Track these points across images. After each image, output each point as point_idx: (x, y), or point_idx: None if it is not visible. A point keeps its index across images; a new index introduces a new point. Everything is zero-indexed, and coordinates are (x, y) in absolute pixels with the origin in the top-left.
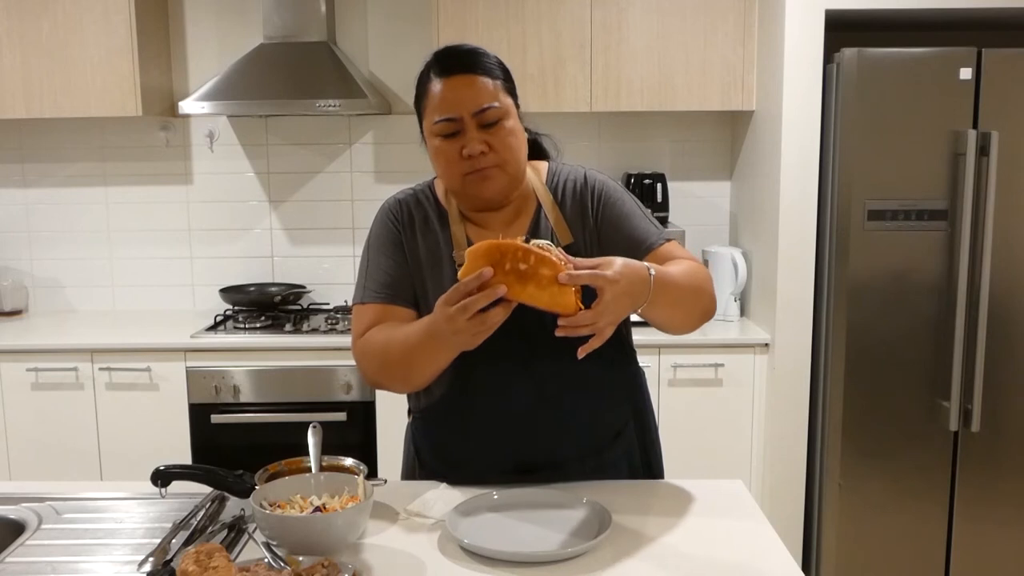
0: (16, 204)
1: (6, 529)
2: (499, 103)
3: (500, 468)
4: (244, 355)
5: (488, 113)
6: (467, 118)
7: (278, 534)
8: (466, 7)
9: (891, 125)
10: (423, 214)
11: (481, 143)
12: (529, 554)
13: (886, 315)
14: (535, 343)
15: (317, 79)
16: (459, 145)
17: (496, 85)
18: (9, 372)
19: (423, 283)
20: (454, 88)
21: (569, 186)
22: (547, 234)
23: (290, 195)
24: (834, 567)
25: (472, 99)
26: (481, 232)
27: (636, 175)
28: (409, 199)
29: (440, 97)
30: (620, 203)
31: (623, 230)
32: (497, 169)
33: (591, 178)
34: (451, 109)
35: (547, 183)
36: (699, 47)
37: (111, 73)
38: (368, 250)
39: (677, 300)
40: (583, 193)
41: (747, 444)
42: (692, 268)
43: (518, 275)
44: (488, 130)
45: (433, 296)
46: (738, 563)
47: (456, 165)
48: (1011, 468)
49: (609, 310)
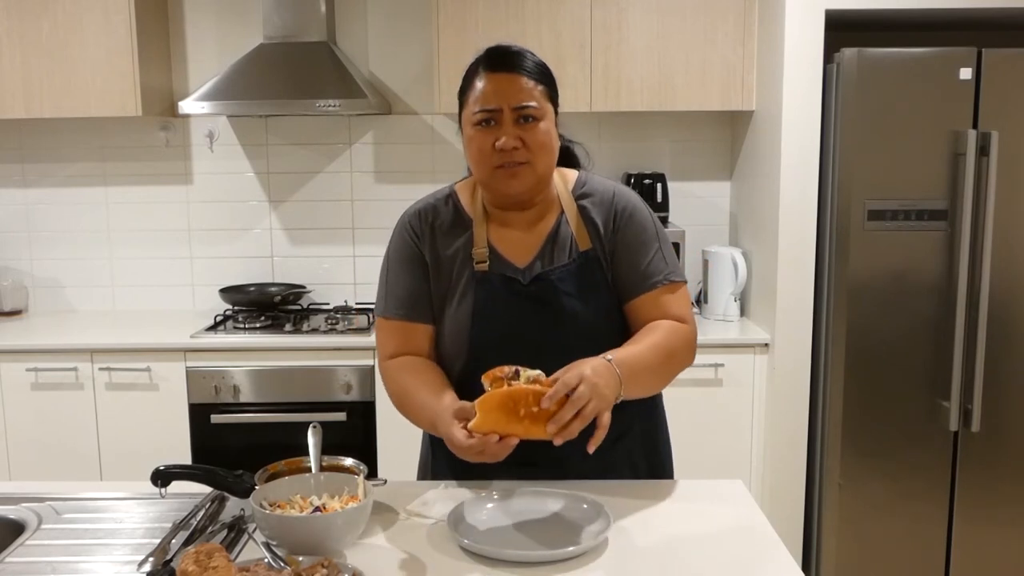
0: (16, 204)
1: (6, 529)
2: (538, 104)
3: (505, 461)
4: (244, 355)
5: (527, 110)
6: (506, 110)
7: (278, 534)
8: (466, 7)
9: (891, 125)
10: (443, 221)
11: (515, 138)
12: (529, 554)
13: (886, 315)
14: (543, 344)
15: (317, 79)
16: (493, 137)
17: (539, 89)
18: (9, 372)
19: (444, 288)
20: (498, 82)
21: (596, 198)
22: (567, 238)
23: (290, 195)
24: (834, 567)
25: (514, 94)
26: (503, 233)
27: (636, 175)
28: (428, 209)
29: (483, 89)
30: (641, 231)
31: (633, 258)
32: (527, 166)
33: (620, 195)
34: (492, 100)
35: (572, 191)
36: (699, 47)
37: (111, 73)
38: (387, 261)
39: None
40: (609, 207)
41: (747, 444)
42: (667, 334)
43: (532, 418)
44: (523, 126)
45: (452, 299)
46: (738, 563)
47: (488, 156)
48: (1011, 468)
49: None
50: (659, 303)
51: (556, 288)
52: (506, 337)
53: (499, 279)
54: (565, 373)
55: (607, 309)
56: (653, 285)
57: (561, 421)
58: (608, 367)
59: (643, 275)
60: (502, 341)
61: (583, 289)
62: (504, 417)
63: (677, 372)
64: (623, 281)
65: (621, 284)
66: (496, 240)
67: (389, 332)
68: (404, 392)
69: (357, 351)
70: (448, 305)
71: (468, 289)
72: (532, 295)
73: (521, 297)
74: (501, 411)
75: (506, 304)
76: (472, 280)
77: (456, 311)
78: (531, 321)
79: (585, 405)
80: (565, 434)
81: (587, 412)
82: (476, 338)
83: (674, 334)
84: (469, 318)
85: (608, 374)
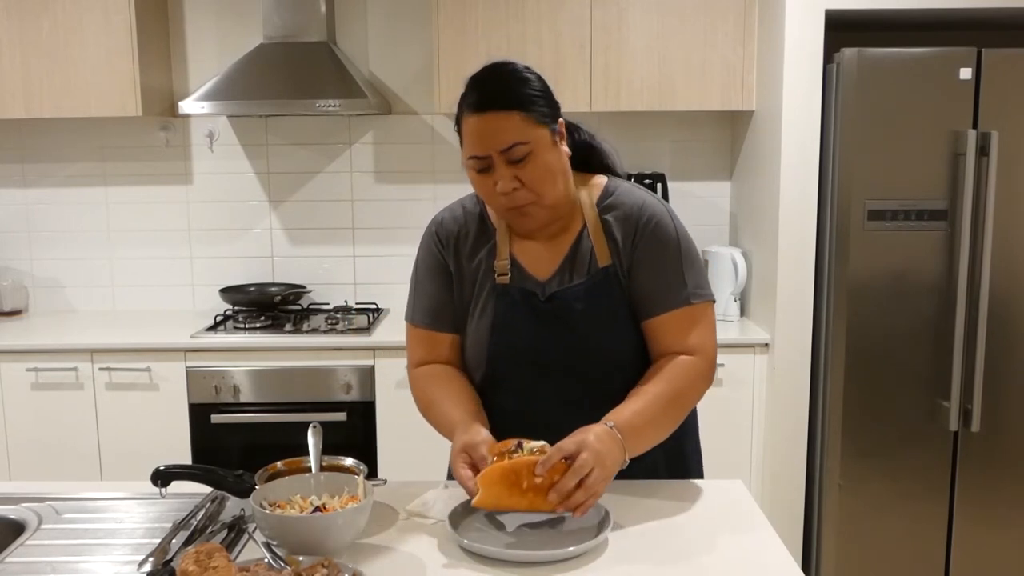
0: (16, 204)
1: (6, 529)
2: (526, 139)
3: None
4: (244, 355)
5: (515, 151)
6: (495, 156)
7: (278, 534)
8: (466, 7)
9: (891, 125)
10: (468, 230)
11: (512, 180)
12: (529, 554)
13: (886, 315)
14: (558, 363)
15: (317, 79)
16: (492, 181)
17: (525, 117)
18: (9, 372)
19: (468, 298)
20: (483, 127)
21: (621, 211)
22: (587, 253)
23: (290, 195)
24: (834, 567)
25: (498, 138)
26: (525, 246)
27: (636, 175)
28: (455, 218)
29: (469, 133)
30: (663, 248)
31: (650, 275)
32: (534, 205)
33: (648, 209)
34: (479, 147)
35: (597, 203)
36: (699, 47)
37: (111, 73)
38: (416, 270)
39: (655, 433)
40: (634, 221)
41: (747, 444)
42: (673, 377)
43: (536, 490)
44: (517, 166)
45: (475, 309)
46: (738, 563)
47: (494, 199)
48: (1011, 468)
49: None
50: (677, 327)
51: (571, 307)
52: (523, 352)
53: (519, 293)
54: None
55: (628, 329)
56: (670, 306)
57: (562, 490)
58: (610, 434)
59: (660, 294)
60: (519, 356)
61: (598, 308)
62: (507, 491)
63: (689, 410)
64: (641, 298)
65: (637, 303)
66: (518, 252)
67: (416, 340)
68: (429, 402)
69: (357, 351)
70: (471, 316)
71: (489, 301)
72: (549, 312)
73: (539, 313)
74: (503, 485)
75: (525, 319)
76: (493, 292)
77: (477, 323)
78: (547, 338)
79: (588, 474)
80: (568, 504)
81: (590, 482)
82: (494, 351)
83: (681, 376)
84: (488, 330)
85: (611, 440)
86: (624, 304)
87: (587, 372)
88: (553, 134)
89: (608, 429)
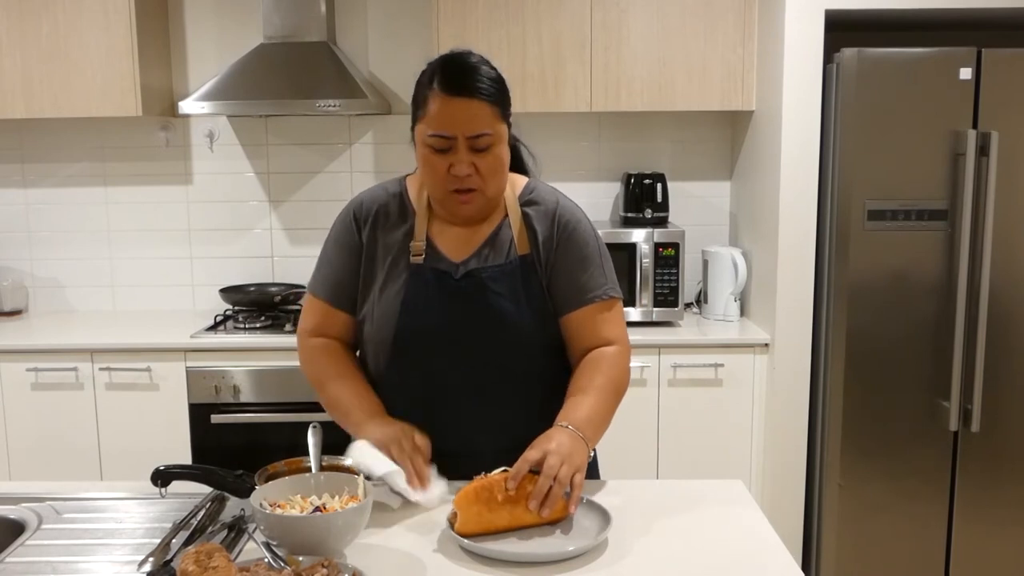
0: (16, 204)
1: (6, 529)
2: (493, 131)
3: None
4: (244, 355)
5: (481, 139)
6: (460, 139)
7: (278, 534)
8: (466, 7)
9: (891, 125)
10: (387, 212)
11: (469, 165)
12: (529, 554)
13: (886, 315)
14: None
15: (317, 79)
16: (448, 162)
17: (493, 111)
18: (9, 372)
19: (373, 275)
20: (454, 110)
21: (541, 208)
22: (506, 241)
23: (290, 195)
24: (834, 567)
25: (469, 123)
26: (444, 229)
27: (636, 175)
28: (375, 197)
29: (438, 113)
30: (582, 246)
31: (572, 272)
32: (478, 193)
33: (562, 210)
34: (447, 127)
35: (519, 197)
36: (699, 47)
37: (111, 73)
38: (327, 245)
39: (606, 423)
40: (552, 219)
41: (747, 444)
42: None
43: (510, 501)
44: (477, 154)
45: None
46: (738, 563)
47: (442, 179)
48: (1011, 468)
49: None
50: (595, 320)
51: (486, 286)
52: (432, 331)
53: (432, 272)
54: (528, 451)
55: (541, 316)
56: (591, 300)
57: (539, 492)
58: (569, 433)
59: (581, 289)
60: (428, 335)
61: (515, 292)
62: (485, 508)
63: (623, 395)
64: (561, 294)
65: (558, 297)
66: (435, 234)
67: (312, 309)
68: (326, 378)
69: None
70: (382, 293)
71: (401, 279)
72: (462, 291)
73: (451, 292)
74: (480, 503)
75: (436, 298)
76: (406, 270)
77: (388, 300)
78: (459, 318)
79: (558, 471)
80: (548, 504)
81: (562, 476)
82: (402, 328)
83: (613, 366)
84: (398, 308)
85: (571, 439)
86: (539, 294)
87: (496, 353)
88: (508, 131)
89: (565, 429)
